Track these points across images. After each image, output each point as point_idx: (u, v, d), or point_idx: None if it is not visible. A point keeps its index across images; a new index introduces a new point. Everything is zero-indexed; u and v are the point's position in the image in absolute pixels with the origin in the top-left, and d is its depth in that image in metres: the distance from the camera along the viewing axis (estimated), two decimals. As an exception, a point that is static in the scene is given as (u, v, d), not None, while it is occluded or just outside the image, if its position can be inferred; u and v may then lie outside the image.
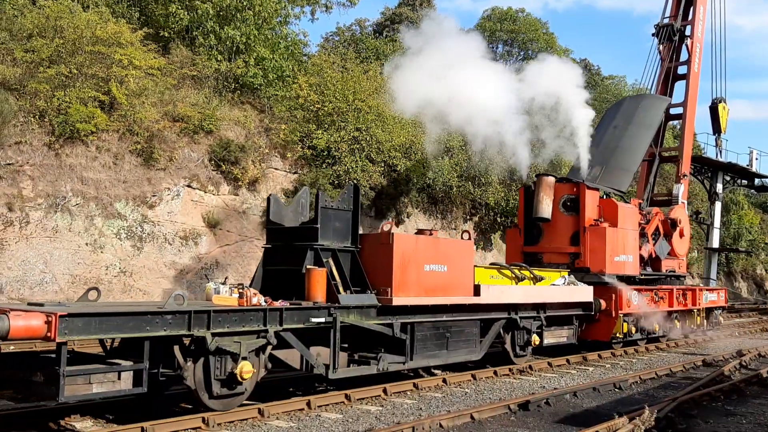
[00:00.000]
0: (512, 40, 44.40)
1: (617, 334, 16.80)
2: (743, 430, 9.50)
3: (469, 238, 12.84)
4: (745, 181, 35.29)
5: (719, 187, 31.99)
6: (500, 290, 13.32)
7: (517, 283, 14.22)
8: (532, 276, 14.63)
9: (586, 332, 16.69)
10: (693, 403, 10.83)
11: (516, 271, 14.39)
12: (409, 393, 11.44)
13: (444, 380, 12.32)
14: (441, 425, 9.08)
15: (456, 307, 12.25)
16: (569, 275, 15.77)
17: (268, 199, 11.63)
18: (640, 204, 19.79)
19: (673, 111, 23.72)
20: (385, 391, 11.11)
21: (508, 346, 13.98)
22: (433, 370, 13.29)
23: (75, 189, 17.10)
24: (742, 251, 42.83)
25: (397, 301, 10.94)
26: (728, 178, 33.46)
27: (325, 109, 22.57)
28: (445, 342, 12.16)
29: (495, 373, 13.41)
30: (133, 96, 18.50)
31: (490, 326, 13.37)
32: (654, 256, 19.66)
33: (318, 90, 23.07)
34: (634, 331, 17.50)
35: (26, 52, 17.49)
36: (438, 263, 11.72)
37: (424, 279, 11.48)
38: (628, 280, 17.63)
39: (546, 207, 17.23)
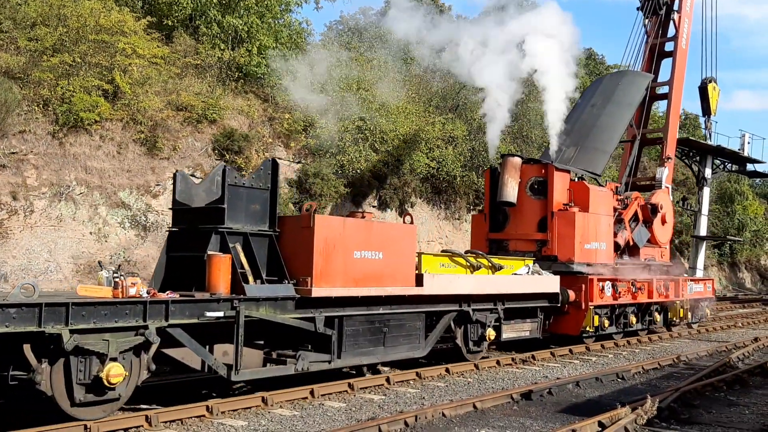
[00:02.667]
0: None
1: (587, 328, 15.71)
2: (746, 420, 9.51)
3: (411, 222, 11.68)
4: (736, 166, 33.75)
5: (708, 171, 30.73)
6: (448, 280, 12.09)
7: (472, 272, 13.01)
8: (489, 265, 13.48)
9: (555, 325, 15.72)
10: (696, 393, 10.85)
11: (471, 259, 13.20)
12: (412, 382, 11.48)
13: (447, 369, 12.36)
14: (444, 414, 9.10)
15: (396, 298, 11.09)
16: (534, 264, 14.70)
17: (175, 176, 10.39)
18: (617, 188, 18.60)
19: (660, 91, 22.69)
20: (388, 380, 11.16)
21: (459, 341, 12.92)
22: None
23: (79, 178, 17.11)
24: (732, 240, 41.00)
25: (317, 292, 9.77)
26: (718, 163, 32.03)
27: (328, 98, 22.52)
28: (382, 337, 10.98)
29: (497, 362, 13.43)
30: (136, 85, 18.48)
31: (438, 320, 12.29)
32: (632, 244, 18.43)
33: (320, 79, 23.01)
34: (607, 325, 16.43)
35: (30, 41, 17.46)
36: (371, 250, 10.53)
37: (354, 267, 10.27)
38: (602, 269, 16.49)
39: (511, 190, 16.04)
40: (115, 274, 8.59)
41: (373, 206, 24.02)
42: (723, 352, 16.43)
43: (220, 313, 8.90)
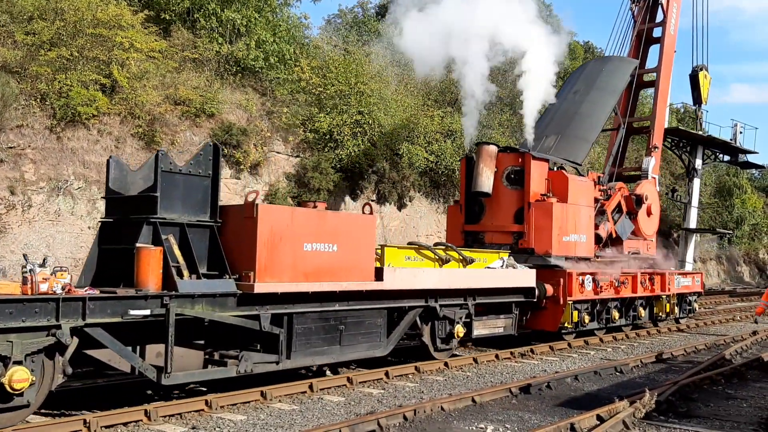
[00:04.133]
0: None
1: (566, 324, 15.06)
2: (743, 413, 9.52)
3: (371, 212, 10.94)
4: (727, 157, 32.72)
5: (698, 162, 29.73)
6: (412, 274, 11.37)
7: (441, 266, 12.37)
8: (460, 258, 12.80)
9: (532, 321, 15.16)
10: (694, 387, 10.86)
11: (440, 251, 12.52)
12: (410, 376, 11.50)
13: (446, 363, 12.37)
14: (442, 408, 9.11)
15: (353, 294, 10.37)
16: (509, 257, 13.95)
17: (108, 162, 9.60)
18: (599, 177, 17.83)
19: (648, 78, 21.88)
20: (387, 374, 11.17)
21: (426, 339, 12.18)
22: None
23: (77, 172, 17.09)
24: (721, 232, 39.21)
25: (261, 287, 9.04)
26: (709, 153, 31.05)
27: (327, 92, 22.50)
28: (338, 336, 10.30)
29: (496, 356, 13.45)
30: (134, 79, 18.43)
31: (402, 316, 11.59)
32: (615, 236, 17.67)
33: (320, 73, 22.99)
34: (587, 320, 15.68)
35: (27, 35, 17.39)
36: (324, 242, 9.82)
37: (304, 261, 9.58)
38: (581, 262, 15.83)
39: (486, 180, 15.32)
40: (24, 269, 7.68)
41: (372, 200, 24.02)
42: (721, 345, 16.46)
43: (147, 311, 8.18)
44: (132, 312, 8.09)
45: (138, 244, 8.55)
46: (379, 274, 10.71)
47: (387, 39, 22.22)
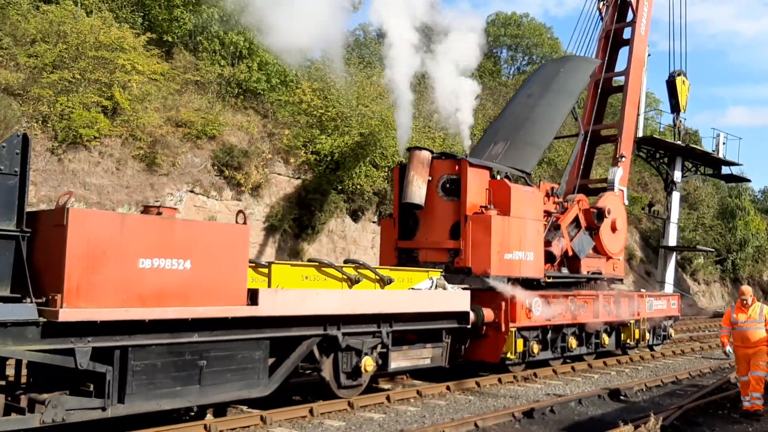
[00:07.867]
0: (516, 45, 44.53)
1: (509, 354, 13.27)
2: (750, 438, 9.39)
3: (244, 222, 9.00)
4: (710, 170, 30.83)
5: (677, 174, 28.01)
6: (300, 296, 9.44)
7: (351, 287, 10.63)
8: (376, 277, 11.07)
9: (471, 351, 13.50)
10: (699, 411, 10.74)
11: (349, 270, 10.73)
12: (412, 400, 11.35)
13: (448, 387, 12.24)
14: (444, 433, 8.99)
15: (220, 322, 8.46)
16: (440, 277, 12.18)
17: None
18: (553, 189, 15.82)
19: (617, 84, 20.69)
20: (388, 398, 11.04)
21: (326, 374, 10.27)
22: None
23: (78, 194, 17.06)
24: (702, 250, 36.61)
25: (70, 314, 7.12)
26: (690, 165, 29.28)
27: (329, 114, 22.54)
28: (197, 374, 8.36)
29: (499, 380, 13.31)
30: (136, 101, 18.49)
31: (293, 347, 9.73)
32: (572, 254, 15.98)
33: (321, 95, 23.05)
34: (536, 350, 13.86)
35: (29, 58, 17.50)
36: (170, 257, 7.94)
37: (140, 281, 7.70)
38: (529, 284, 13.96)
39: (417, 189, 13.53)
40: None
41: (373, 221, 23.97)
42: (726, 369, 16.28)
43: None
44: None
45: None
46: (253, 297, 8.84)
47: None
